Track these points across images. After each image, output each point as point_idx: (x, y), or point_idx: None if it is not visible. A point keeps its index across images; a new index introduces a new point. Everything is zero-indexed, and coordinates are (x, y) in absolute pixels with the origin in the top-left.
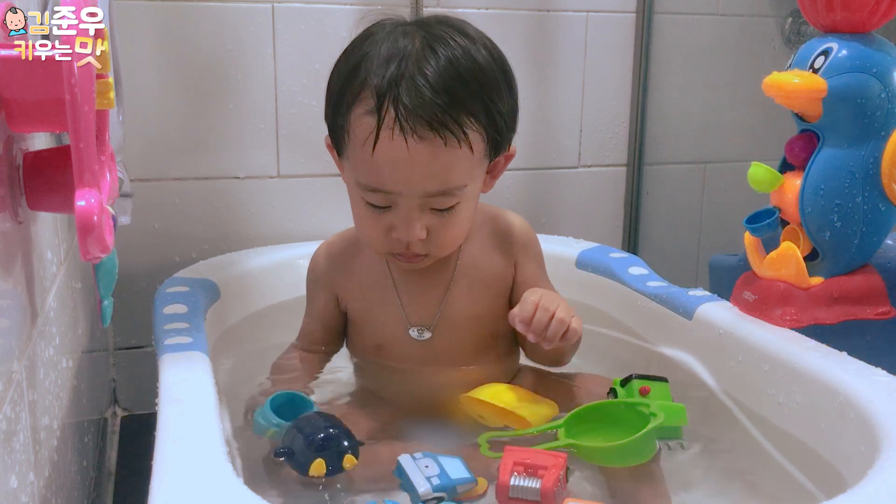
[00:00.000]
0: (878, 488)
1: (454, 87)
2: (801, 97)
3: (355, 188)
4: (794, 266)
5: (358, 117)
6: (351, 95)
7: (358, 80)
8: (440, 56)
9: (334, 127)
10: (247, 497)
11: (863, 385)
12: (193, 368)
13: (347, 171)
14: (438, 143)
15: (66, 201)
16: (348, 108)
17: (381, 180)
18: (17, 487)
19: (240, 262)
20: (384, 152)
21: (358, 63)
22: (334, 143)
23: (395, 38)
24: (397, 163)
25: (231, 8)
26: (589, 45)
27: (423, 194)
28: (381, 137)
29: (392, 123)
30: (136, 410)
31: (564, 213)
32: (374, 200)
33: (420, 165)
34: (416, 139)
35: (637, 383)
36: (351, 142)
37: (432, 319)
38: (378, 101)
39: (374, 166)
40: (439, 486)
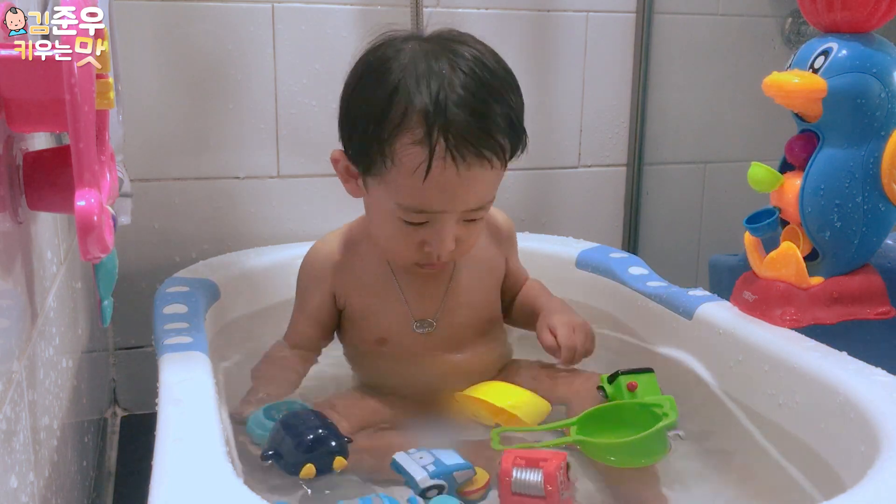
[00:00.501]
0: (878, 488)
1: (490, 108)
2: (801, 97)
3: (393, 208)
4: (794, 266)
5: (405, 147)
6: (392, 124)
7: (398, 108)
8: (470, 77)
9: (365, 150)
10: (247, 497)
11: (863, 385)
12: (193, 368)
13: (380, 191)
14: (485, 166)
15: (66, 201)
16: (392, 136)
17: (427, 203)
18: (17, 487)
19: (240, 262)
20: (435, 180)
21: (393, 88)
22: (363, 164)
23: (422, 60)
24: (446, 188)
25: (231, 8)
26: (589, 45)
27: (464, 210)
28: (433, 167)
29: (443, 153)
30: (136, 410)
31: (564, 213)
32: (414, 219)
33: (466, 188)
34: (466, 166)
35: (624, 379)
36: (394, 168)
37: (435, 312)
38: (427, 130)
39: (422, 192)
40: (436, 472)
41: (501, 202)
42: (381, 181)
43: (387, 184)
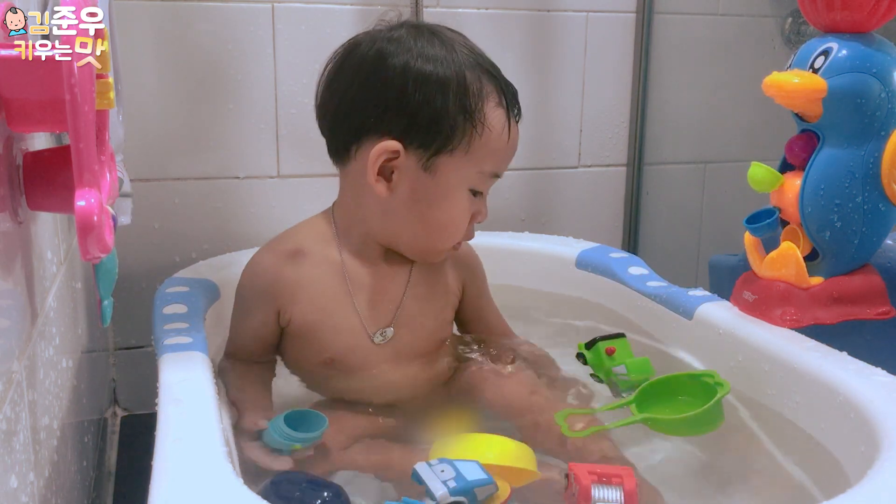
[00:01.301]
0: (878, 488)
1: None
2: (801, 97)
3: (471, 177)
4: (794, 266)
5: (492, 109)
6: (474, 92)
7: (473, 76)
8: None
9: (442, 122)
10: (247, 497)
11: (863, 385)
12: (193, 368)
13: (459, 165)
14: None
15: (66, 201)
16: (478, 102)
17: (502, 165)
18: (17, 487)
19: (240, 262)
20: (513, 138)
21: (455, 62)
22: (438, 142)
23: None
24: (514, 147)
25: (231, 8)
26: (589, 45)
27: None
28: (512, 125)
29: (513, 113)
30: (136, 410)
31: (564, 213)
32: (484, 186)
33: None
34: (518, 123)
35: (602, 345)
36: (486, 133)
37: (390, 321)
38: (500, 93)
39: (506, 153)
40: (457, 489)
41: (501, 202)
42: (464, 153)
43: (473, 153)
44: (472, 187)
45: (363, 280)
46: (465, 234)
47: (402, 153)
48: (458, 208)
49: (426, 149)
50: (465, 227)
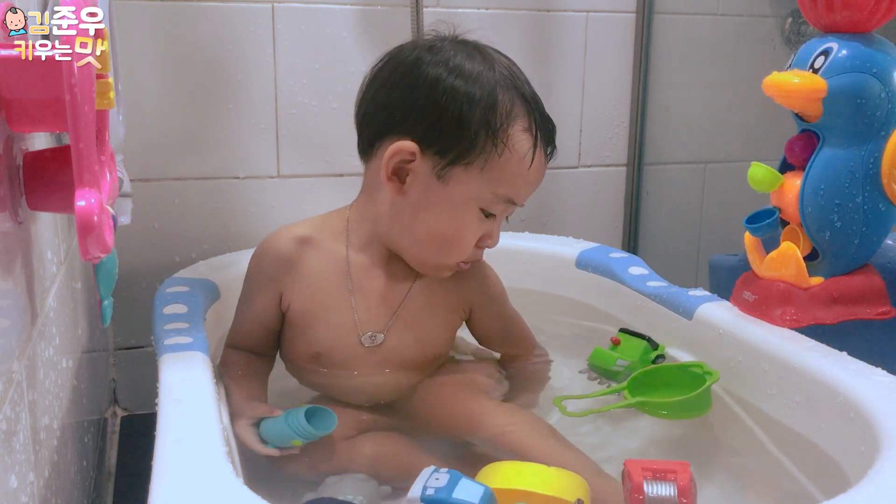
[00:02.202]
0: (878, 488)
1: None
2: (801, 97)
3: (483, 196)
4: (794, 266)
5: (517, 133)
6: (503, 112)
7: (506, 97)
8: (528, 83)
9: (465, 133)
10: (247, 497)
11: (863, 385)
12: (193, 368)
13: (472, 180)
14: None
15: (66, 201)
16: (506, 122)
17: (520, 192)
18: (17, 487)
19: (240, 262)
20: (536, 167)
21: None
22: (456, 152)
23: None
24: (538, 178)
25: (231, 8)
26: (589, 45)
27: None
28: (537, 155)
29: (541, 144)
30: (136, 410)
31: (564, 213)
32: (495, 209)
33: (540, 181)
34: (547, 159)
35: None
36: (507, 154)
37: (384, 327)
38: (531, 120)
39: (525, 180)
40: (431, 497)
41: None
42: (480, 169)
43: (489, 171)
44: (484, 207)
45: (364, 280)
46: (469, 254)
47: (419, 156)
48: (463, 224)
49: (443, 156)
50: (470, 246)
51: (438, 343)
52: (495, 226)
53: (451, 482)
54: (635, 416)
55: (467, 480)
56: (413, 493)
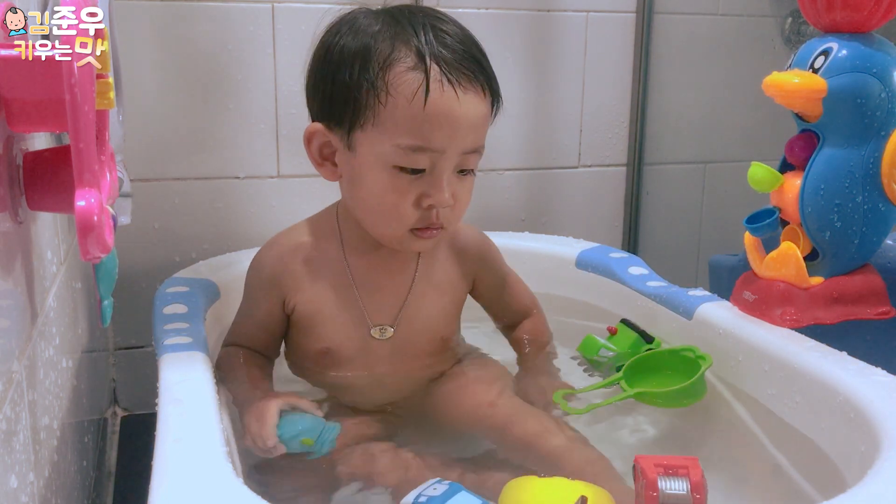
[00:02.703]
0: (878, 488)
1: (474, 48)
2: (801, 97)
3: (389, 154)
4: (794, 266)
5: (399, 74)
6: (380, 58)
7: (384, 44)
8: (451, 25)
9: (351, 98)
10: (247, 497)
11: (863, 385)
12: (193, 368)
13: (373, 141)
14: (479, 94)
15: (66, 201)
16: (382, 68)
17: (428, 136)
18: (17, 487)
19: (240, 262)
20: (437, 104)
21: (375, 32)
22: (349, 117)
23: (401, 13)
24: (449, 115)
25: (231, 8)
26: (589, 45)
27: (462, 151)
28: (432, 89)
29: (439, 76)
30: (136, 410)
31: (564, 213)
32: (412, 163)
33: (466, 118)
34: (462, 90)
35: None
36: (391, 100)
37: (393, 319)
38: (419, 56)
39: (424, 122)
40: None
41: (502, 202)
42: (373, 127)
43: (381, 126)
44: (397, 164)
45: (366, 274)
46: (413, 218)
47: (328, 134)
48: (382, 188)
49: (342, 126)
50: (406, 210)
51: (448, 324)
52: (431, 182)
53: (448, 493)
54: (632, 411)
55: (466, 494)
56: (405, 501)
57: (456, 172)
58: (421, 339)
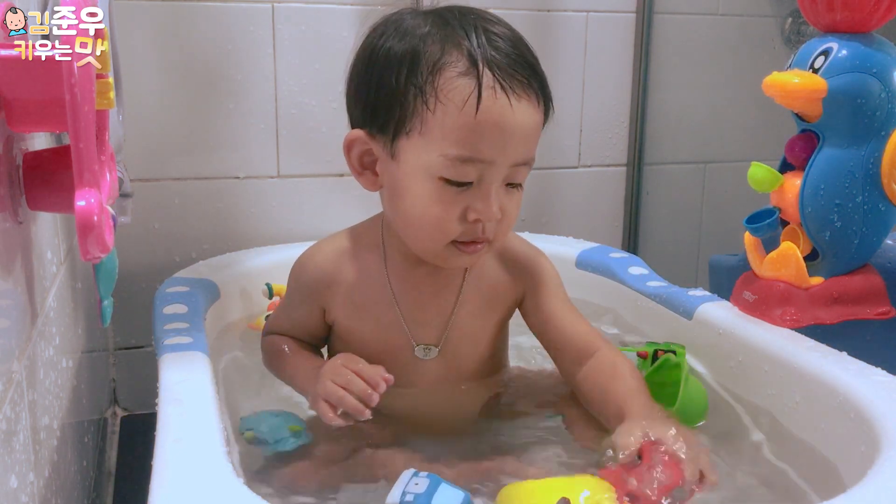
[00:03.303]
0: (878, 488)
1: (526, 49)
2: (801, 97)
3: (435, 164)
4: (794, 266)
5: (450, 80)
6: (429, 62)
7: (434, 48)
8: (503, 28)
9: (397, 104)
10: (247, 497)
11: (863, 385)
12: (193, 368)
13: (418, 150)
14: (533, 102)
15: (66, 201)
16: (431, 73)
17: (478, 147)
18: (17, 487)
19: (240, 262)
20: (489, 113)
21: (423, 35)
22: (394, 124)
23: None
24: (502, 124)
25: (231, 8)
26: (589, 45)
27: (513, 163)
28: (485, 97)
29: (492, 82)
30: (136, 410)
31: (564, 213)
32: (460, 175)
33: (519, 127)
34: (516, 98)
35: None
36: (441, 108)
37: (439, 338)
38: (471, 60)
39: (474, 132)
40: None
41: None
42: (420, 135)
43: (429, 134)
44: (444, 176)
45: (409, 290)
46: (456, 232)
47: (370, 141)
48: (426, 200)
49: (385, 133)
50: (450, 224)
51: (497, 343)
52: (478, 195)
53: (431, 487)
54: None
55: (447, 486)
56: (391, 499)
57: (504, 185)
58: (469, 359)
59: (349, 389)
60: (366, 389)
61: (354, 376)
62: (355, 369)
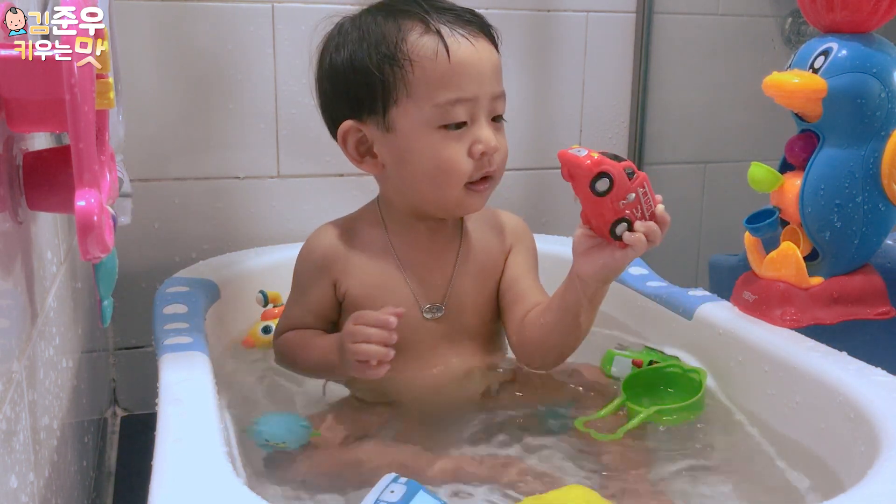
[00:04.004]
0: (878, 488)
1: (465, 9)
2: (801, 97)
3: (430, 116)
4: (794, 266)
5: (415, 41)
6: (390, 37)
7: (391, 25)
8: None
9: (378, 80)
10: (247, 497)
11: (863, 385)
12: (193, 368)
13: (411, 111)
14: (488, 42)
15: (66, 201)
16: (397, 43)
17: (461, 86)
18: (17, 487)
19: (240, 262)
20: (459, 55)
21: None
22: (376, 98)
23: (379, 5)
24: (472, 61)
25: (231, 8)
26: (589, 45)
27: (492, 95)
28: (449, 44)
29: (451, 33)
30: (136, 410)
31: (564, 213)
32: (453, 117)
33: (488, 61)
34: (474, 39)
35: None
36: (417, 66)
37: (443, 298)
38: (425, 24)
39: (453, 74)
40: None
41: (501, 202)
42: (407, 98)
43: (415, 93)
44: (442, 123)
45: (412, 256)
46: (469, 169)
47: (362, 128)
48: (433, 150)
49: (375, 113)
50: (462, 163)
51: (494, 310)
52: (477, 131)
53: (407, 496)
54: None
55: (425, 493)
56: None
57: (490, 120)
58: (472, 319)
59: (370, 341)
60: (382, 334)
61: (369, 328)
62: (365, 322)
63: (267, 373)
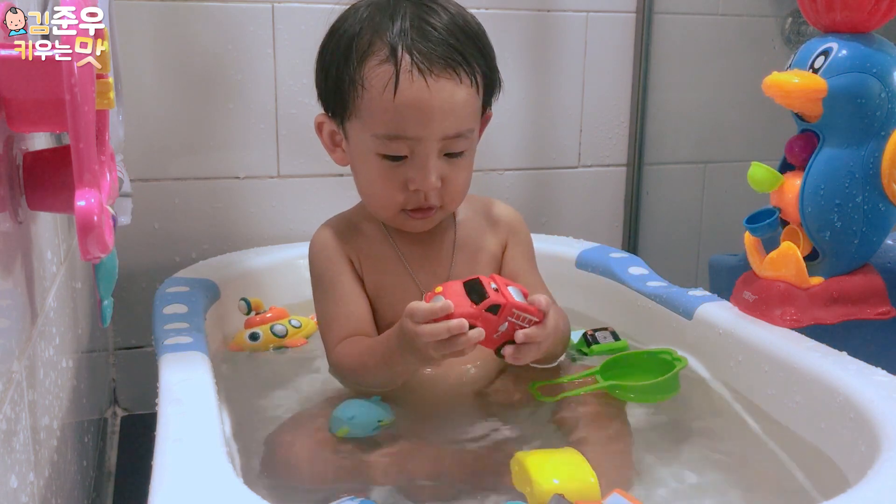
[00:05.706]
0: (878, 488)
1: (458, 33)
2: (801, 97)
3: (370, 143)
4: (794, 266)
5: (372, 68)
6: (359, 52)
7: (364, 38)
8: (439, 13)
9: (339, 90)
10: (247, 497)
11: (863, 385)
12: (193, 368)
13: (358, 131)
14: (454, 80)
15: (66, 201)
16: (359, 62)
17: (402, 126)
18: (17, 487)
19: (240, 262)
20: (405, 95)
21: (360, 26)
22: (340, 108)
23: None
24: (419, 104)
25: (231, 8)
26: (589, 45)
27: (441, 137)
28: (401, 81)
29: (410, 66)
30: (136, 410)
31: (564, 213)
32: (392, 150)
33: (439, 106)
34: (434, 78)
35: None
36: (366, 93)
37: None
38: (391, 49)
39: (395, 112)
40: None
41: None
42: (356, 118)
43: (362, 116)
44: (379, 152)
45: (411, 248)
46: (401, 201)
47: (332, 123)
48: (370, 175)
49: (337, 117)
50: (393, 194)
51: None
52: (414, 167)
53: None
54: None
55: None
56: None
57: (442, 156)
58: None
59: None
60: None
61: (434, 326)
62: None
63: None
